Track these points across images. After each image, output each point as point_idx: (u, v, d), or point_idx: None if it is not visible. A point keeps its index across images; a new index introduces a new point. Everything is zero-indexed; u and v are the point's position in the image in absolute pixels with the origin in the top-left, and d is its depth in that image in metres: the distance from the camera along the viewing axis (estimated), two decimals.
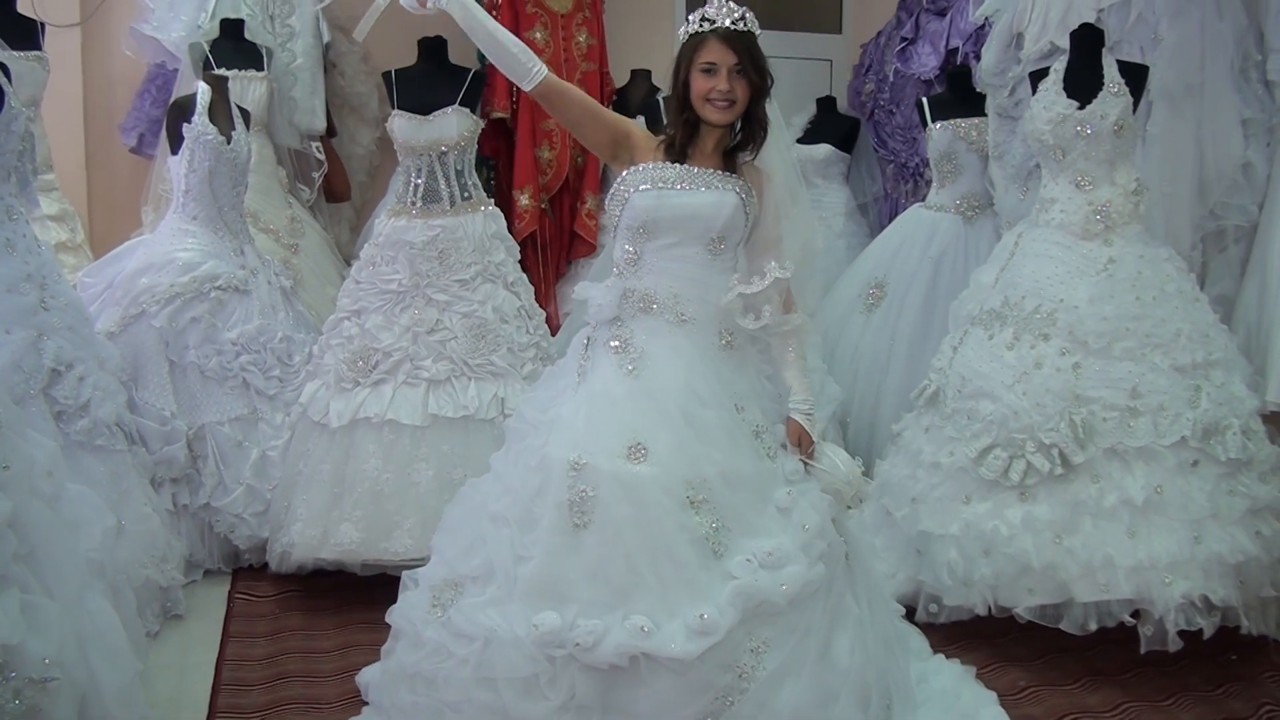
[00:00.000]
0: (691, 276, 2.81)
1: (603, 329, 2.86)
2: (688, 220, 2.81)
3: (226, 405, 3.97)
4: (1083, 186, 3.61)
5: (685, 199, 2.81)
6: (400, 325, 3.86)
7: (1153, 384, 3.32)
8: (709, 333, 2.80)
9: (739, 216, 2.82)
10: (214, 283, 4.01)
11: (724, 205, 2.80)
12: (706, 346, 2.80)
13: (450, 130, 4.02)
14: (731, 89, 2.79)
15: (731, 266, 2.87)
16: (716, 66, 2.78)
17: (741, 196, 2.82)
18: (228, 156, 4.12)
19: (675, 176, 2.83)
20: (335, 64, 5.75)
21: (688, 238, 2.81)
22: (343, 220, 5.95)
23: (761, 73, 2.82)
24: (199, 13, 5.23)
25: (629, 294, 2.83)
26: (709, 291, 2.80)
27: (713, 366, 2.78)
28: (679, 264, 2.82)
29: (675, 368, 2.75)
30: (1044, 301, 3.51)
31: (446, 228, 3.96)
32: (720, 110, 2.81)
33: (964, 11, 5.22)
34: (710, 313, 2.80)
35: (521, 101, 5.69)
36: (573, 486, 2.60)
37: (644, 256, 2.84)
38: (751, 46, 2.81)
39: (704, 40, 2.81)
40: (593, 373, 2.81)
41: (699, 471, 2.65)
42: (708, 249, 2.81)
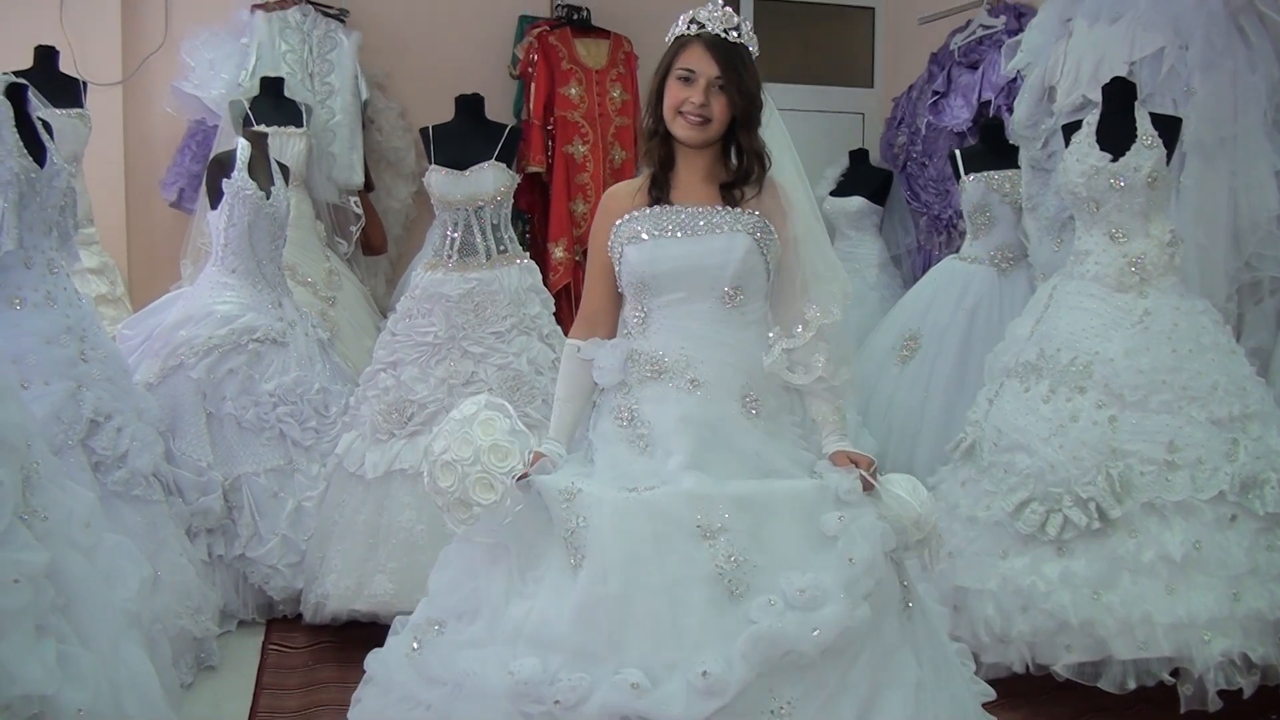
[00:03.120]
0: (704, 335, 2.46)
1: (609, 396, 2.54)
2: (690, 273, 2.46)
3: (263, 456, 3.99)
4: (1117, 238, 3.59)
5: (685, 247, 2.46)
6: (435, 377, 3.86)
7: (1190, 437, 3.29)
8: (727, 399, 2.43)
9: (755, 260, 2.46)
10: (252, 335, 4.04)
11: (733, 250, 2.44)
12: (724, 415, 2.42)
13: (486, 185, 4.03)
14: (707, 103, 2.45)
15: (759, 318, 2.52)
16: (694, 75, 2.45)
17: (756, 235, 2.46)
18: (267, 211, 4.17)
19: (672, 221, 2.49)
20: (373, 120, 5.83)
21: (696, 291, 2.46)
22: (379, 273, 6.00)
23: (747, 95, 2.46)
24: (239, 71, 5.34)
25: (636, 356, 2.48)
26: (727, 351, 2.46)
27: (730, 438, 2.41)
28: (689, 321, 2.47)
29: (681, 445, 2.37)
30: (1079, 354, 3.48)
31: (482, 281, 3.97)
32: (691, 126, 2.46)
33: (995, 65, 5.24)
34: (729, 375, 2.44)
35: (556, 156, 5.76)
36: (565, 519, 2.27)
37: (651, 315, 2.50)
38: (739, 62, 2.46)
39: (687, 44, 2.48)
40: (600, 452, 2.49)
41: (713, 492, 2.27)
42: (722, 302, 2.46)
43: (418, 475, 3.74)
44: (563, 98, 5.81)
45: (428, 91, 5.75)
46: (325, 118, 5.44)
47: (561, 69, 5.82)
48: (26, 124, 3.18)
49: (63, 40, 5.01)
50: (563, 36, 5.90)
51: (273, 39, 5.41)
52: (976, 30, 5.57)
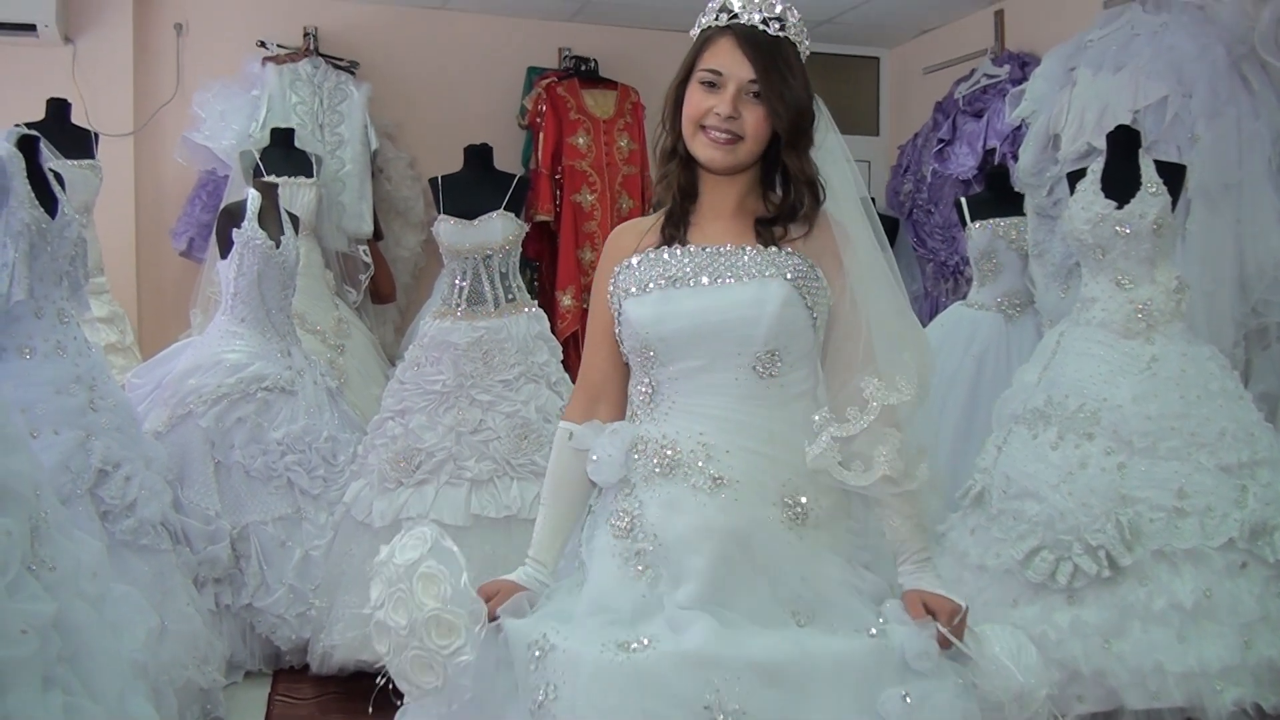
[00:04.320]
0: (731, 417, 1.88)
1: (607, 496, 1.97)
2: (710, 333, 1.88)
3: (271, 505, 3.98)
4: (1123, 285, 3.59)
5: (702, 300, 1.89)
6: (444, 425, 3.85)
7: (1199, 484, 3.27)
8: (761, 502, 1.84)
9: (796, 314, 1.88)
10: (260, 383, 4.04)
11: (766, 301, 1.86)
12: (757, 525, 1.83)
13: (495, 234, 4.05)
14: (738, 116, 1.89)
15: (805, 391, 1.94)
16: (722, 79, 1.90)
17: (798, 281, 1.89)
18: (276, 260, 4.18)
19: (685, 266, 1.92)
20: (382, 170, 5.87)
21: (718, 358, 1.88)
22: (388, 321, 6.01)
23: (793, 105, 1.89)
24: (250, 122, 5.40)
25: (642, 445, 1.91)
26: (762, 437, 1.87)
27: (766, 558, 1.83)
28: (710, 397, 1.89)
29: (694, 569, 1.79)
30: (1087, 400, 3.47)
31: (490, 329, 3.97)
32: (715, 146, 1.91)
33: (1000, 113, 5.28)
34: (764, 470, 1.86)
35: (564, 205, 5.79)
36: (532, 687, 1.73)
37: (660, 390, 1.93)
38: (782, 62, 1.89)
39: (714, 39, 1.92)
40: (591, 574, 1.91)
41: (732, 655, 1.68)
42: (754, 371, 1.88)
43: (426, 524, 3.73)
44: (571, 147, 5.86)
45: (437, 142, 5.81)
46: (335, 168, 5.48)
47: (569, 119, 5.87)
48: (38, 175, 3.20)
49: (75, 92, 5.07)
50: (571, 87, 5.95)
51: (284, 91, 5.47)
52: (981, 79, 5.62)
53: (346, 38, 5.93)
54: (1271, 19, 4.04)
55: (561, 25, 6.34)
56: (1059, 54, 4.79)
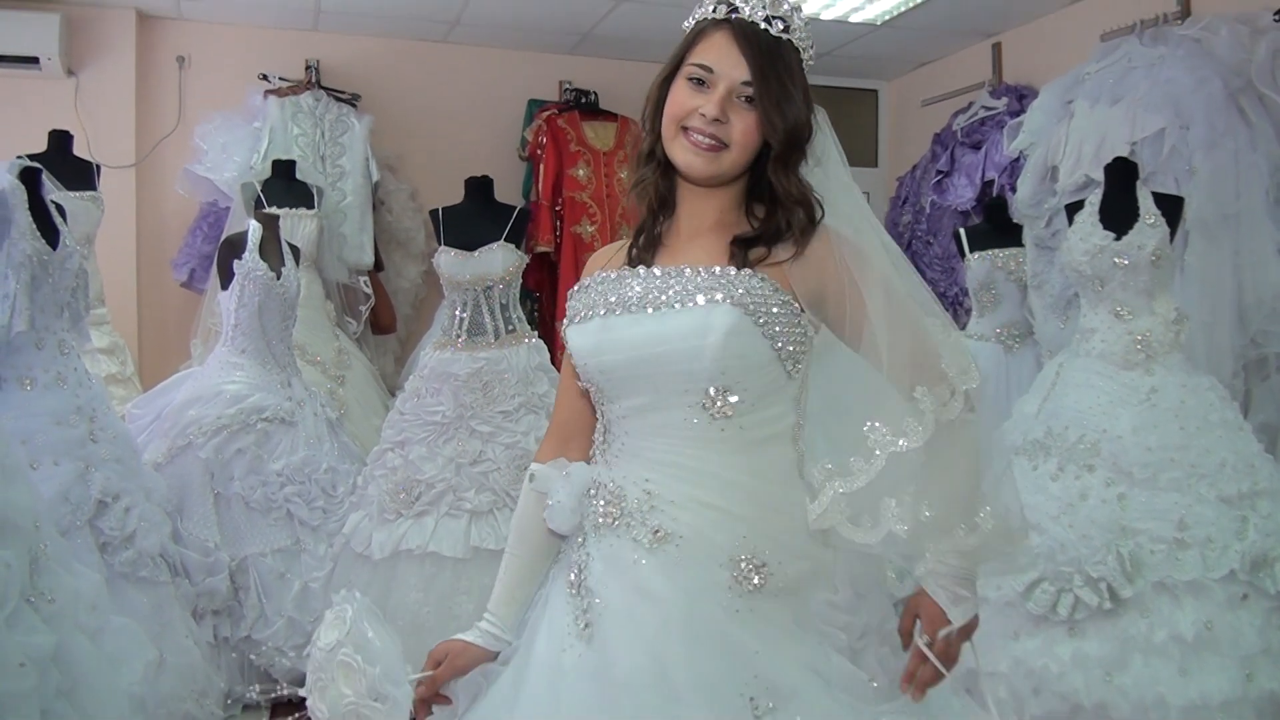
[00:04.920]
0: (679, 461, 1.64)
1: (568, 544, 1.76)
2: (652, 366, 1.65)
3: (270, 536, 3.96)
4: (1122, 316, 3.59)
5: (642, 328, 1.65)
6: (443, 456, 3.85)
7: (1199, 515, 3.25)
8: (708, 563, 1.60)
9: (749, 344, 1.62)
10: (260, 414, 4.03)
11: (709, 329, 1.60)
12: (701, 587, 1.59)
13: (495, 266, 4.06)
14: (724, 119, 1.67)
15: (774, 435, 1.67)
16: (713, 77, 1.68)
17: (752, 306, 1.61)
18: (277, 292, 4.18)
19: (633, 290, 1.68)
20: (384, 201, 5.88)
21: (665, 395, 1.65)
22: (388, 352, 6.01)
23: (789, 116, 1.68)
24: (251, 154, 5.42)
25: (594, 490, 1.70)
26: (713, 487, 1.62)
27: (709, 631, 1.58)
28: (658, 440, 1.66)
29: (635, 638, 1.59)
30: (1087, 432, 3.46)
31: (490, 360, 3.98)
32: (695, 151, 1.69)
33: (998, 145, 5.30)
34: (714, 526, 1.61)
35: (565, 236, 5.80)
36: None
37: (611, 430, 1.73)
38: (781, 66, 1.68)
39: (708, 31, 1.71)
40: (543, 623, 1.72)
41: None
42: (704, 410, 1.62)
43: (424, 556, 3.73)
44: (571, 179, 5.88)
45: (438, 173, 5.84)
46: (336, 199, 5.49)
47: (570, 151, 5.90)
48: (40, 207, 3.21)
49: (77, 124, 5.10)
50: (571, 119, 5.98)
51: (285, 123, 5.50)
52: (979, 111, 5.64)
53: (348, 70, 5.97)
54: (1268, 52, 4.07)
55: (562, 58, 6.38)
56: (1056, 87, 4.82)
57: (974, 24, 5.77)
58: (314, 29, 5.94)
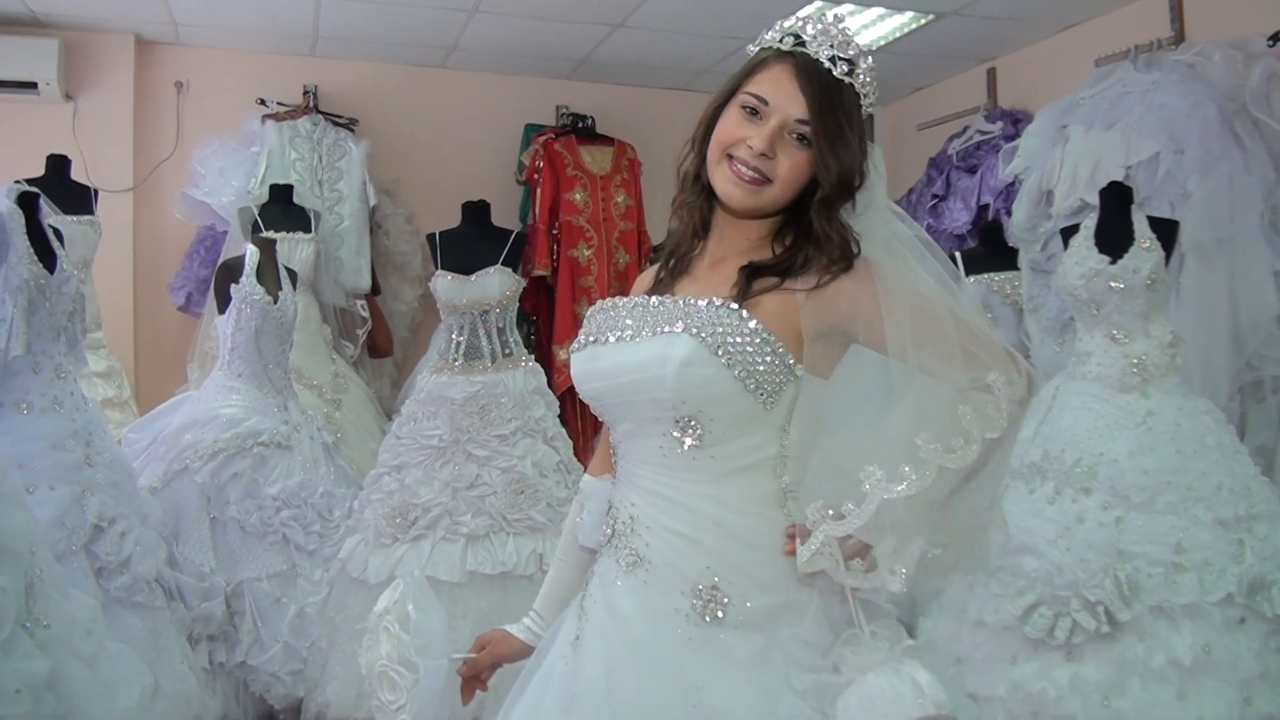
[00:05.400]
0: (656, 489, 1.65)
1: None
2: (625, 395, 1.67)
3: (266, 561, 3.94)
4: (1118, 339, 3.60)
5: (616, 358, 1.67)
6: (440, 480, 3.85)
7: (1196, 539, 3.25)
8: (670, 591, 1.60)
9: (708, 374, 1.59)
10: (257, 439, 4.02)
11: (666, 359, 1.60)
12: (662, 614, 1.60)
13: (492, 290, 4.08)
14: (771, 154, 1.64)
15: (750, 465, 1.63)
16: (767, 109, 1.64)
17: (711, 337, 1.59)
18: (274, 316, 4.18)
19: (621, 318, 1.71)
20: (381, 225, 5.89)
21: (642, 424, 1.67)
22: (385, 375, 6.00)
23: (843, 161, 1.64)
24: (249, 179, 5.43)
25: (608, 508, 1.76)
26: (681, 516, 1.62)
27: (660, 661, 1.58)
28: (641, 466, 1.69)
29: (599, 655, 1.64)
30: (1084, 455, 3.46)
31: (487, 384, 3.98)
32: (736, 182, 1.66)
33: (994, 169, 5.32)
34: (680, 555, 1.61)
35: (562, 260, 5.82)
36: None
37: (617, 452, 1.76)
38: (840, 109, 1.64)
39: (769, 62, 1.67)
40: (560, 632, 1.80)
41: None
42: (675, 439, 1.62)
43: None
44: (568, 203, 5.89)
45: (435, 198, 5.83)
46: (334, 223, 5.51)
47: (567, 175, 5.92)
48: (38, 231, 3.22)
49: (75, 149, 5.11)
50: (568, 144, 6.00)
51: (283, 147, 5.52)
52: (974, 136, 5.67)
53: (346, 95, 5.99)
54: (1262, 77, 4.10)
55: (559, 83, 6.40)
56: (1051, 111, 4.85)
57: (969, 49, 5.81)
58: (312, 54, 5.96)
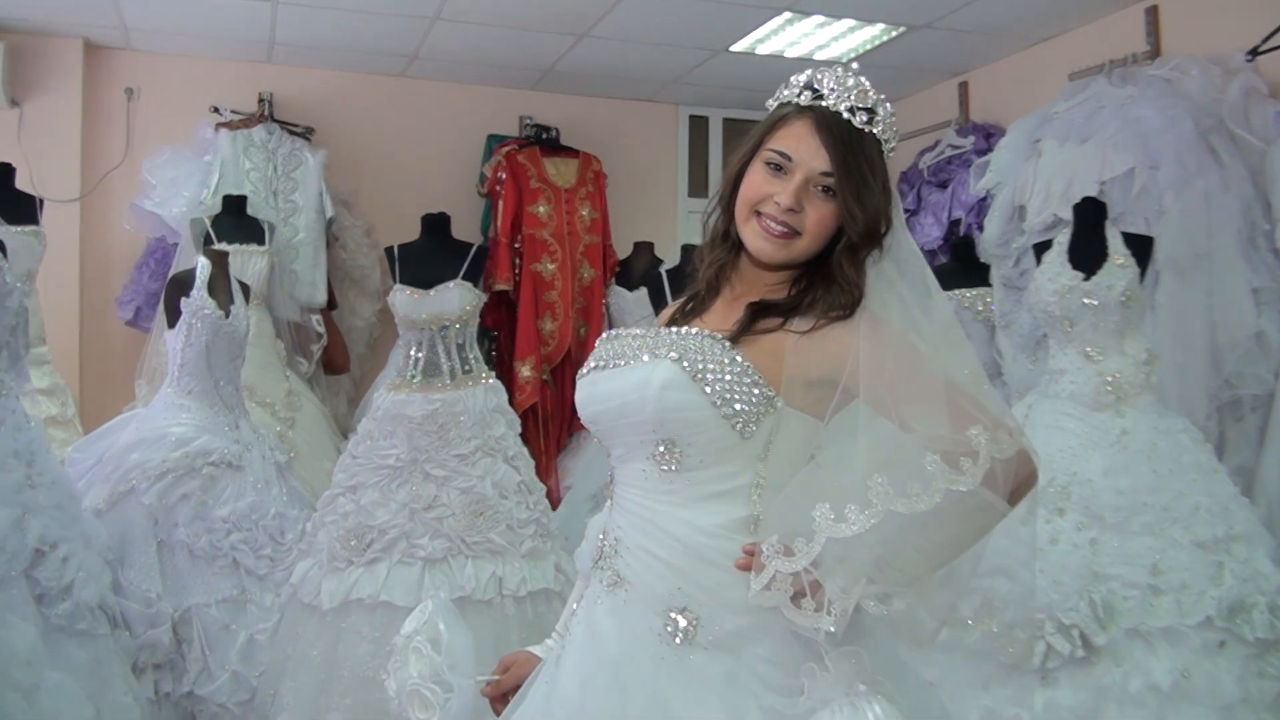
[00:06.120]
0: (638, 511, 1.74)
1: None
2: (613, 420, 1.77)
3: (215, 586, 3.88)
4: (1092, 357, 3.60)
5: (609, 384, 1.77)
6: (397, 501, 3.82)
7: (1174, 560, 3.25)
8: (645, 610, 1.68)
9: (686, 399, 1.67)
10: (207, 458, 3.97)
11: (648, 384, 1.69)
12: (635, 633, 1.68)
13: (452, 305, 4.06)
14: (799, 208, 1.71)
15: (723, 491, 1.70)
16: (791, 165, 1.72)
17: (691, 364, 1.67)
18: (226, 331, 4.14)
19: (621, 347, 1.80)
20: (338, 238, 5.85)
21: (630, 448, 1.76)
22: (341, 392, 5.97)
23: (870, 210, 1.70)
24: (201, 189, 5.37)
25: (603, 533, 1.82)
26: (658, 538, 1.70)
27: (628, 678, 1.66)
28: (628, 489, 1.77)
29: (576, 671, 1.73)
30: (1057, 474, 3.45)
31: (446, 401, 3.96)
32: (766, 238, 1.73)
33: (965, 184, 5.35)
34: (655, 576, 1.68)
35: (524, 274, 5.80)
36: None
37: (614, 477, 1.85)
38: (863, 159, 1.70)
39: (790, 118, 1.74)
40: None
41: None
42: (656, 462, 1.71)
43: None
44: (531, 216, 5.87)
45: (394, 209, 5.82)
46: (289, 235, 5.46)
47: (530, 187, 5.89)
48: None
49: (21, 156, 5.01)
50: (531, 155, 5.98)
51: (237, 157, 5.46)
52: (945, 150, 5.69)
53: (302, 103, 5.94)
54: (1240, 92, 4.12)
55: (523, 93, 6.38)
56: (1024, 125, 4.87)
57: (940, 63, 5.83)
58: (267, 61, 5.91)
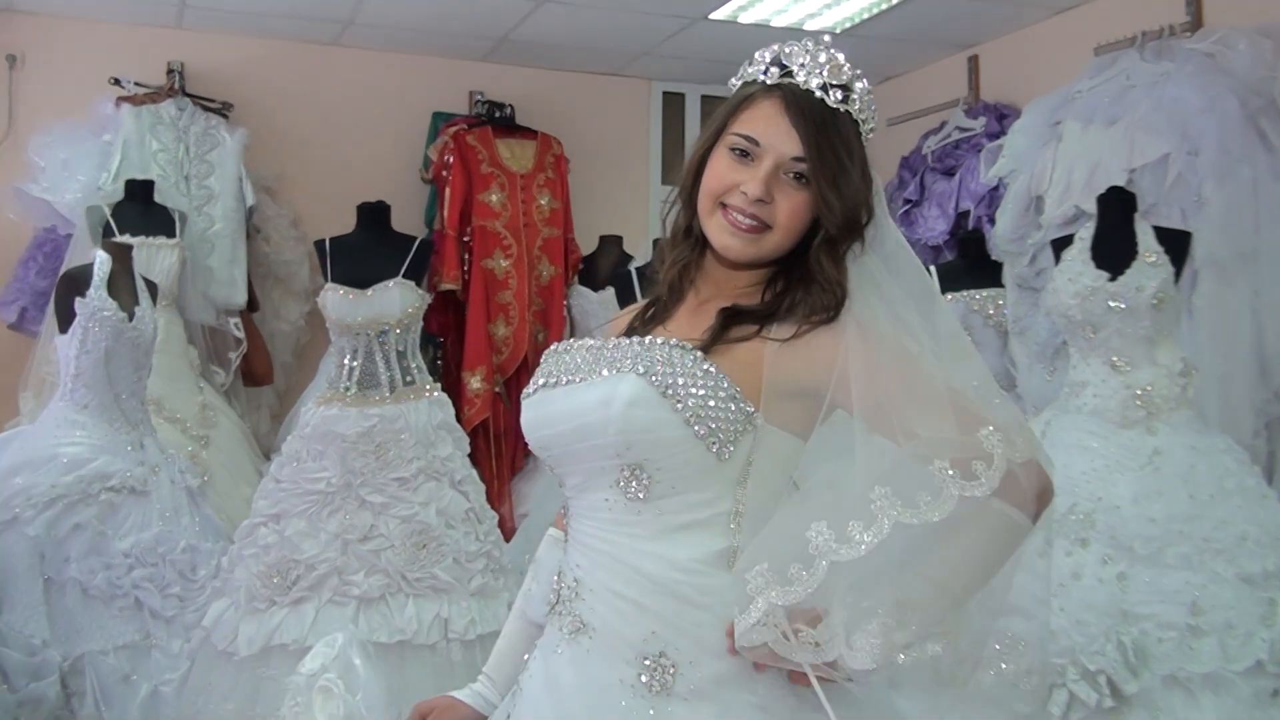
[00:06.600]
0: (600, 547, 1.71)
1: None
2: (570, 443, 1.73)
3: (113, 630, 3.85)
4: (1119, 368, 3.60)
5: (564, 402, 1.73)
6: (327, 532, 3.81)
7: (1216, 597, 3.24)
8: (614, 659, 1.65)
9: (655, 417, 1.64)
10: (105, 483, 3.94)
11: (611, 401, 1.65)
12: (605, 688, 1.65)
13: (392, 306, 4.06)
14: (768, 198, 1.69)
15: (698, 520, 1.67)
16: (759, 150, 1.70)
17: (660, 378, 1.64)
18: (129, 335, 4.11)
19: (575, 361, 1.76)
20: (259, 229, 5.82)
21: (589, 475, 1.72)
22: (263, 407, 5.94)
23: (849, 199, 1.69)
24: (99, 172, 5.31)
25: (558, 575, 1.78)
26: (627, 577, 1.67)
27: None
28: (586, 522, 1.74)
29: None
30: (1079, 500, 3.45)
31: (385, 417, 3.96)
32: (733, 232, 1.72)
33: (974, 171, 5.35)
34: (625, 619, 1.65)
35: (474, 272, 5.79)
36: None
37: (568, 510, 1.81)
38: (839, 141, 1.69)
39: (757, 98, 1.73)
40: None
41: None
42: (620, 490, 1.68)
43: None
44: (482, 205, 5.85)
45: (325, 198, 5.81)
46: (203, 226, 5.42)
47: (481, 173, 5.87)
48: None
49: None
50: (483, 136, 5.96)
51: (141, 136, 5.41)
52: (952, 133, 5.71)
53: (219, 75, 5.89)
54: None
55: (473, 65, 6.37)
56: (1042, 106, 4.88)
57: (947, 34, 5.84)
58: (178, 26, 5.86)
